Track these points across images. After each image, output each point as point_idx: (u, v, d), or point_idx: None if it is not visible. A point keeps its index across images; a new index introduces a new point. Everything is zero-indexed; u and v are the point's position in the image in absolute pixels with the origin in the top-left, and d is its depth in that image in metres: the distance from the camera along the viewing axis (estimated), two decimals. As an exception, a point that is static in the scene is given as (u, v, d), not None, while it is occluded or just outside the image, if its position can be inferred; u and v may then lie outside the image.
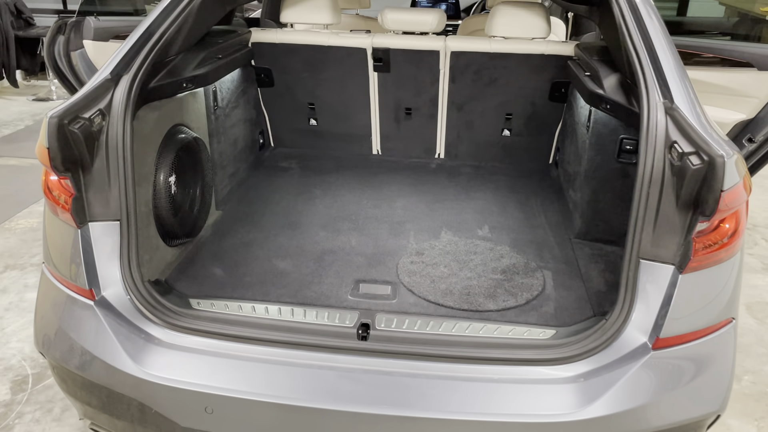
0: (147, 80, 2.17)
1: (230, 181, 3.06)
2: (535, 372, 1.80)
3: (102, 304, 1.95)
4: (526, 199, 3.08)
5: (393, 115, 3.45)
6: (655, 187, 1.77)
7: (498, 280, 2.33)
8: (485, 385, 1.78)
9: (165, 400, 1.83)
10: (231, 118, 3.05)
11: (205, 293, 2.21)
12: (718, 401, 1.84)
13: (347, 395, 1.77)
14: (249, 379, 1.81)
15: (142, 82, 2.07)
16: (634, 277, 1.82)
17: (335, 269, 2.39)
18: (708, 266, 1.79)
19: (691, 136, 1.73)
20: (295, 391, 1.78)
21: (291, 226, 2.76)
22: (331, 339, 1.87)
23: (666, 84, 1.90)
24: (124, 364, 1.85)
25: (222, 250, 2.54)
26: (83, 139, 1.87)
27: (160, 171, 2.29)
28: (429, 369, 1.81)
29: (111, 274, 1.97)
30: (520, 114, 3.35)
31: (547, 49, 3.08)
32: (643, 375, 1.77)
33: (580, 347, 1.82)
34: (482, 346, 1.87)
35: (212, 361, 1.85)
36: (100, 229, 1.98)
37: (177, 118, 2.46)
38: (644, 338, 1.80)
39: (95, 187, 1.95)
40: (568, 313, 2.13)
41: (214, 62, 2.69)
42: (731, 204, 1.72)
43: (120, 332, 1.90)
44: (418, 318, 2.00)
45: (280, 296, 2.20)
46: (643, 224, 1.79)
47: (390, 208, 2.95)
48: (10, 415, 2.80)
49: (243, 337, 1.88)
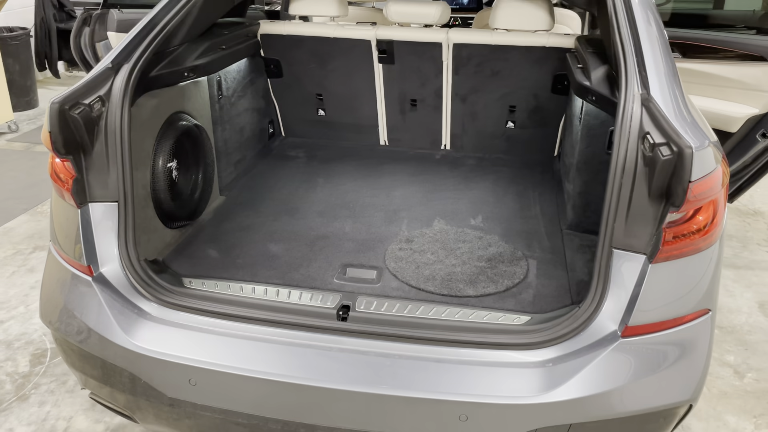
0: (148, 69, 2.28)
1: (236, 168, 3.17)
2: (505, 356, 1.85)
3: (99, 280, 2.07)
4: (524, 191, 3.10)
5: (399, 106, 3.51)
6: (628, 177, 1.79)
7: (481, 268, 2.37)
8: (455, 367, 1.83)
9: (152, 371, 1.93)
10: (237, 107, 3.16)
11: (198, 273, 2.32)
12: (689, 391, 1.85)
13: (323, 372, 1.84)
14: (231, 354, 1.90)
15: (143, 71, 2.18)
16: (606, 266, 1.84)
17: (325, 254, 2.47)
18: (680, 257, 1.80)
19: (663, 127, 1.74)
20: (274, 367, 1.86)
21: (289, 212, 2.85)
22: (311, 318, 1.95)
23: (645, 75, 1.92)
24: (116, 336, 1.96)
25: (220, 233, 2.65)
26: (83, 124, 1.98)
27: (158, 156, 2.40)
28: (402, 350, 1.88)
29: (109, 252, 2.09)
30: (524, 106, 3.37)
31: (548, 41, 3.09)
32: (610, 362, 1.80)
33: (550, 333, 1.85)
34: (455, 330, 1.92)
35: (198, 336, 1.95)
36: (99, 209, 2.10)
37: (178, 106, 2.57)
38: (614, 326, 1.83)
39: (95, 170, 2.06)
40: (546, 301, 2.16)
41: (217, 53, 2.79)
42: (701, 195, 1.74)
43: (114, 307, 2.02)
44: (397, 302, 2.07)
45: (268, 278, 2.29)
46: (615, 214, 1.81)
47: (388, 197, 3.01)
48: (27, 385, 2.97)
49: (228, 314, 1.97)
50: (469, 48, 3.19)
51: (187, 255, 2.45)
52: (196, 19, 2.54)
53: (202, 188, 2.76)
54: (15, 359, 3.13)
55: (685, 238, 1.79)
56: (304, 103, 3.65)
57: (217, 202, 2.95)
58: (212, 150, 2.88)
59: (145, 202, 2.34)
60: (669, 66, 2.02)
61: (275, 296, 2.10)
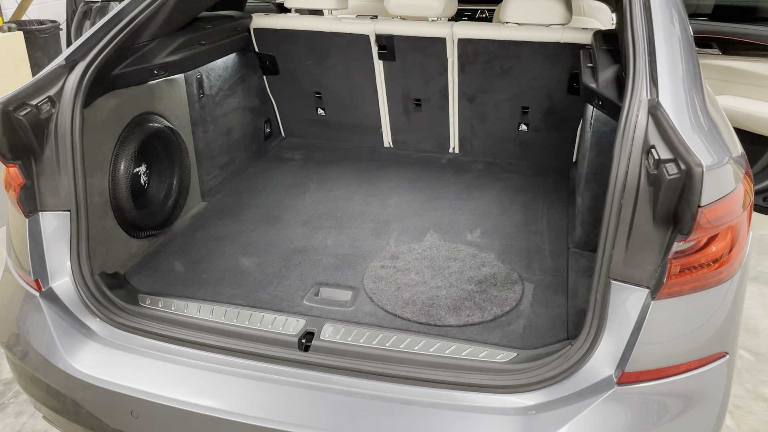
0: (109, 67, 2.10)
1: (222, 172, 2.98)
2: (482, 399, 1.61)
3: (47, 295, 1.91)
4: (532, 201, 2.83)
5: (402, 106, 3.27)
6: (629, 197, 1.53)
7: (469, 292, 2.12)
8: (424, 411, 1.61)
9: (94, 399, 1.77)
10: (223, 107, 2.97)
11: (158, 289, 2.14)
12: (695, 450, 1.59)
13: (274, 411, 1.64)
14: (177, 385, 1.72)
15: (101, 69, 2.01)
16: (602, 299, 1.59)
17: (300, 270, 2.26)
18: (689, 292, 1.53)
19: (671, 140, 1.47)
20: (221, 402, 1.67)
21: (271, 221, 2.65)
22: (269, 347, 1.76)
23: (656, 78, 1.64)
24: (58, 359, 1.81)
25: (191, 243, 2.46)
26: (30, 127, 1.82)
27: (119, 160, 2.23)
28: (366, 387, 1.67)
29: (61, 265, 1.93)
30: (537, 108, 3.09)
31: (563, 36, 2.81)
32: (602, 413, 1.54)
33: (535, 375, 1.61)
34: (428, 366, 1.70)
35: (145, 362, 1.78)
36: (50, 219, 1.94)
37: (146, 106, 2.39)
38: (609, 371, 1.57)
39: (45, 177, 1.91)
40: (537, 334, 1.91)
41: (194, 48, 2.60)
42: (716, 221, 1.47)
43: (60, 326, 1.86)
44: (367, 330, 1.85)
45: (231, 297, 2.10)
46: (614, 240, 1.56)
47: (381, 205, 2.78)
48: (7, 393, 2.87)
49: (179, 339, 1.79)
50: (475, 43, 2.93)
51: (152, 268, 2.28)
52: (171, 12, 2.35)
53: (177, 194, 2.58)
54: (1, 365, 3.04)
55: (695, 270, 1.52)
56: (302, 102, 3.44)
57: (196, 209, 2.77)
58: (190, 153, 2.69)
59: (102, 211, 2.17)
60: (689, 68, 1.74)
61: (234, 319, 1.91)
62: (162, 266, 2.29)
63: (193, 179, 2.76)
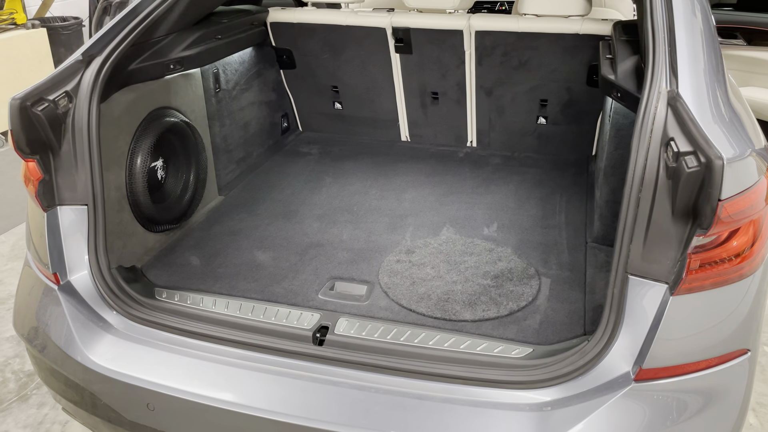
0: (126, 62, 2.11)
1: (239, 166, 2.99)
2: (497, 395, 1.59)
3: (65, 289, 1.93)
4: (550, 195, 2.79)
5: (419, 99, 3.25)
6: (648, 191, 1.50)
7: (485, 287, 2.10)
8: (437, 406, 1.59)
9: (111, 391, 1.78)
10: (239, 101, 2.97)
11: (174, 283, 2.15)
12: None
13: (290, 405, 1.64)
14: (191, 378, 1.72)
15: (118, 64, 2.02)
16: (620, 295, 1.56)
17: (315, 265, 2.26)
18: (710, 288, 1.50)
19: (691, 133, 1.44)
20: (235, 395, 1.68)
21: (287, 215, 2.65)
22: (284, 341, 1.76)
23: (676, 69, 1.61)
24: (76, 352, 1.82)
25: (207, 237, 2.47)
26: (47, 122, 1.84)
27: (136, 155, 2.24)
28: (380, 382, 1.66)
29: (79, 259, 1.95)
30: (556, 100, 3.04)
31: (581, 28, 2.76)
32: (619, 410, 1.51)
33: (551, 371, 1.59)
34: (443, 361, 1.68)
35: (160, 355, 1.79)
36: (68, 213, 1.96)
37: (162, 101, 2.40)
38: (627, 367, 1.55)
39: (63, 171, 1.92)
40: (554, 330, 1.88)
41: (211, 43, 2.60)
42: (737, 215, 1.43)
43: (78, 319, 1.87)
44: (382, 324, 1.84)
45: (247, 291, 2.10)
46: (632, 234, 1.53)
47: (397, 199, 2.77)
48: (30, 385, 2.91)
49: (194, 332, 1.80)
50: (493, 36, 2.89)
51: (168, 262, 2.29)
52: (187, 7, 2.36)
53: (194, 189, 2.59)
54: (23, 356, 3.08)
55: (715, 266, 1.48)
56: (319, 96, 3.43)
57: (213, 203, 2.77)
58: (206, 148, 2.70)
59: (119, 206, 2.18)
60: (711, 59, 1.70)
61: (249, 313, 1.91)
62: (178, 260, 2.30)
63: (210, 174, 2.77)
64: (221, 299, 1.99)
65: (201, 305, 1.95)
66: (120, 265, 2.11)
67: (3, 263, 3.83)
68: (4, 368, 2.98)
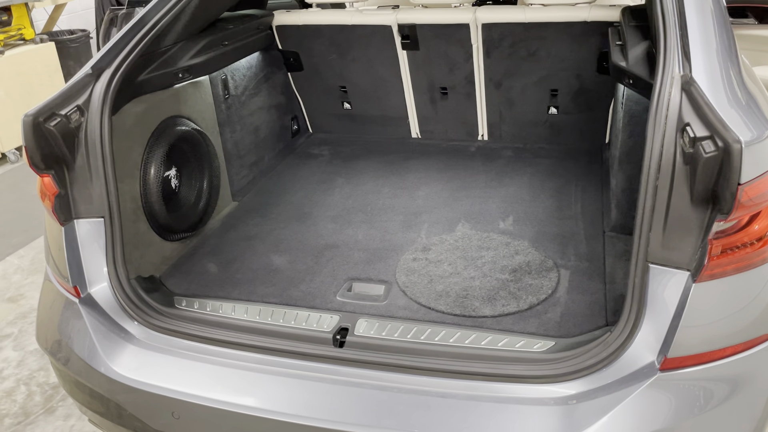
0: (134, 73, 2.12)
1: (251, 171, 2.99)
2: (521, 390, 1.58)
3: (86, 301, 1.94)
4: (565, 185, 2.77)
5: (428, 95, 3.23)
6: (665, 178, 1.48)
7: (504, 281, 2.09)
8: (461, 404, 1.59)
9: (135, 401, 1.80)
10: (249, 106, 2.97)
11: (193, 291, 2.16)
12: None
13: (313, 408, 1.64)
14: (215, 385, 1.73)
15: (127, 76, 2.02)
16: (641, 284, 1.54)
17: (331, 266, 2.26)
18: (732, 273, 1.48)
19: (707, 117, 1.42)
20: (258, 401, 1.68)
21: (301, 218, 2.65)
22: (305, 344, 1.76)
23: (688, 52, 1.58)
24: (99, 364, 1.84)
25: (223, 243, 2.48)
26: (60, 137, 1.85)
27: (149, 165, 2.25)
28: (402, 382, 1.65)
29: (98, 271, 1.96)
30: (567, 89, 3.02)
31: (589, 15, 2.73)
32: (645, 400, 1.50)
33: (575, 364, 1.58)
34: (465, 358, 1.67)
35: (183, 363, 1.80)
36: (85, 226, 1.97)
37: (173, 110, 2.41)
38: (651, 357, 1.53)
39: (79, 185, 1.93)
40: (575, 322, 1.87)
41: (218, 49, 2.61)
42: (758, 198, 1.41)
43: (99, 331, 1.89)
44: (401, 323, 1.84)
45: (265, 296, 2.11)
46: (651, 223, 1.51)
47: (410, 197, 2.76)
48: (56, 397, 2.94)
49: (215, 339, 1.81)
50: (500, 28, 2.87)
51: (185, 270, 2.30)
52: (193, 15, 2.36)
53: (208, 196, 2.60)
54: (47, 369, 3.12)
55: (738, 251, 1.46)
56: (328, 97, 3.42)
57: (227, 209, 2.78)
58: (218, 155, 2.71)
59: (135, 216, 2.20)
60: (723, 40, 1.68)
61: (269, 318, 1.92)
62: (196, 268, 2.31)
63: (223, 180, 2.78)
64: (240, 305, 1.99)
65: (220, 312, 1.96)
66: (138, 275, 2.12)
67: (23, 277, 3.87)
68: (29, 381, 3.01)
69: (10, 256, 4.10)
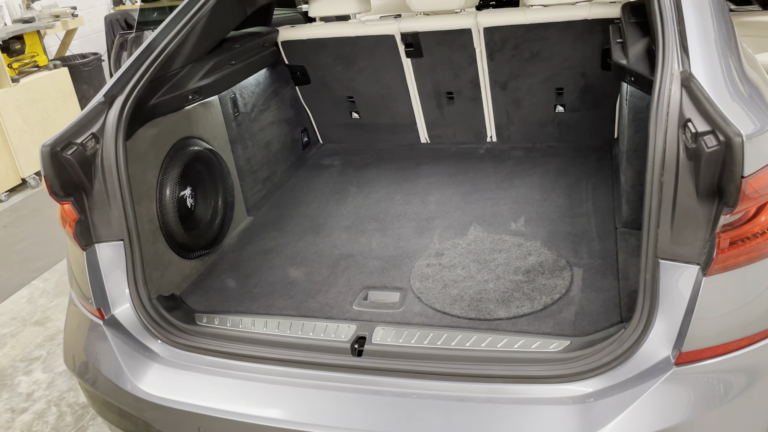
0: (146, 98, 2.17)
1: (264, 186, 3.04)
2: (539, 390, 1.60)
3: (111, 323, 2.00)
4: (575, 183, 2.78)
5: (434, 101, 3.26)
6: (670, 174, 1.50)
7: (517, 282, 2.11)
8: (480, 406, 1.61)
9: (162, 418, 1.84)
10: (259, 122, 3.02)
11: (213, 307, 2.21)
12: (764, 426, 1.54)
13: (334, 418, 1.68)
14: (238, 399, 1.77)
15: (139, 101, 2.08)
16: (652, 280, 1.56)
17: (347, 276, 2.29)
18: (744, 264, 1.49)
19: (707, 112, 1.43)
20: (283, 413, 1.72)
21: (315, 229, 2.69)
22: (324, 355, 1.80)
23: (686, 47, 1.60)
24: (125, 383, 1.89)
25: (241, 259, 2.52)
26: (78, 164, 1.91)
27: (165, 187, 2.30)
28: (421, 387, 1.68)
29: (120, 292, 2.02)
30: (572, 87, 3.03)
31: (590, 13, 2.74)
32: (663, 395, 1.51)
33: (591, 362, 1.59)
34: (482, 361, 1.70)
35: (206, 379, 1.84)
36: (106, 249, 2.03)
37: (185, 131, 2.46)
38: (666, 352, 1.54)
39: (97, 210, 1.99)
40: (590, 320, 1.88)
41: (225, 69, 2.66)
42: (764, 189, 1.42)
43: (125, 351, 1.94)
44: (418, 330, 1.86)
45: (283, 308, 2.15)
46: (658, 218, 1.52)
47: (422, 203, 2.78)
48: (86, 417, 3.01)
49: (236, 354, 1.85)
50: (502, 31, 2.89)
51: (205, 287, 2.35)
52: (200, 37, 2.42)
53: (224, 213, 2.65)
54: (76, 389, 3.18)
55: (746, 242, 1.47)
56: (336, 108, 3.47)
57: (243, 224, 2.83)
58: (231, 171, 2.76)
59: (154, 237, 2.25)
60: (722, 31, 1.69)
61: (287, 330, 1.95)
62: (215, 284, 2.36)
63: (238, 196, 2.83)
64: (259, 319, 2.03)
65: (240, 327, 2.00)
66: (160, 294, 2.17)
67: (49, 300, 3.95)
68: (59, 402, 3.08)
69: (36, 280, 4.19)
